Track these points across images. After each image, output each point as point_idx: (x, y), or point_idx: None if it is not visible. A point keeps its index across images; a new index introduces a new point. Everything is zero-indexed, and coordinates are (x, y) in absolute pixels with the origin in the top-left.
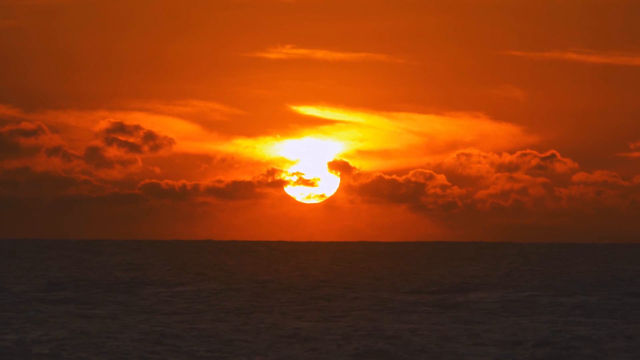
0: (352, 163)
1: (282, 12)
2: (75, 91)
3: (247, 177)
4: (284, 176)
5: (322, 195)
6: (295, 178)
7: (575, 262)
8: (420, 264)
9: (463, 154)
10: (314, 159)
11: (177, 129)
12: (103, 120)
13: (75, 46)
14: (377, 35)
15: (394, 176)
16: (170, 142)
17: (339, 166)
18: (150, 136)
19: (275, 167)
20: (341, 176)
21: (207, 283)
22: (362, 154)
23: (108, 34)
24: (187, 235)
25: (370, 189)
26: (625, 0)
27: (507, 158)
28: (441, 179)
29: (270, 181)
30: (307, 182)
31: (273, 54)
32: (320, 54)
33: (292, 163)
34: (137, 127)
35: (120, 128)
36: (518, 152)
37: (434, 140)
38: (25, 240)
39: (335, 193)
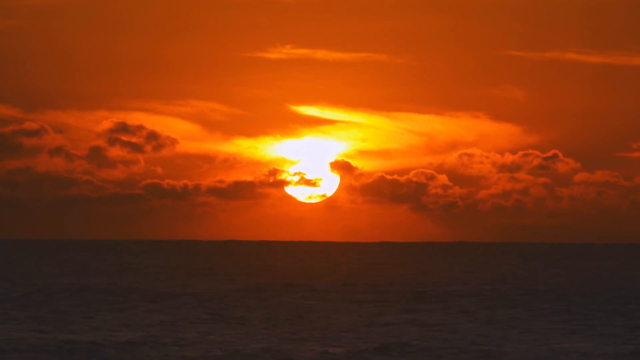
0: (353, 163)
1: (282, 12)
2: (76, 91)
3: (249, 177)
4: (285, 176)
5: (324, 195)
6: (297, 178)
7: None
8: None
9: (465, 154)
10: (315, 159)
11: (177, 129)
12: (106, 121)
13: (75, 46)
14: (377, 35)
15: (395, 176)
16: (173, 142)
17: (340, 166)
18: (153, 136)
19: (276, 167)
20: (342, 176)
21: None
22: (363, 154)
23: (108, 34)
24: (188, 235)
25: (371, 189)
26: (625, 0)
27: (509, 158)
28: (442, 179)
29: (271, 181)
30: (308, 182)
31: (273, 54)
32: (320, 54)
33: (292, 163)
34: (140, 127)
35: (124, 128)
36: (520, 152)
37: (434, 140)
38: (26, 241)
39: (336, 193)
